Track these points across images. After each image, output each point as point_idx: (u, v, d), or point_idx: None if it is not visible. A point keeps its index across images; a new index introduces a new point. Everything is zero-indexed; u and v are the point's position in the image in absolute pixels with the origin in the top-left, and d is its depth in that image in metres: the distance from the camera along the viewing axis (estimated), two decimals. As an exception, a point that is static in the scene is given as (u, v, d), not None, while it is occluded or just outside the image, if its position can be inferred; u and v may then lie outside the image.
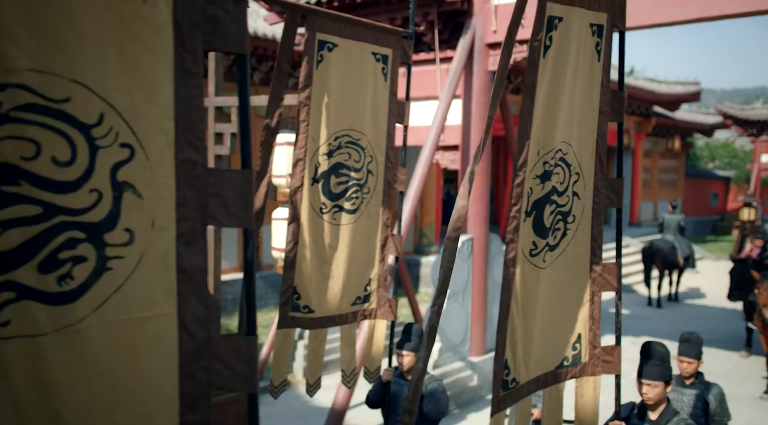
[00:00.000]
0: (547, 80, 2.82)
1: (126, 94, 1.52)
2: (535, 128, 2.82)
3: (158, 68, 1.55)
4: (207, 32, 1.61)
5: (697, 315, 12.39)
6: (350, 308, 4.06)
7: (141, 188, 1.58)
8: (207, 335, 1.71)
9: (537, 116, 2.80)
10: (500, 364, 2.84)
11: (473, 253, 7.97)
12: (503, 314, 2.83)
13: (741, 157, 34.01)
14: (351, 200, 3.91)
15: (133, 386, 1.63)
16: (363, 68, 3.83)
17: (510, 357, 2.89)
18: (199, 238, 1.70)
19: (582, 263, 3.22)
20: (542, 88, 2.79)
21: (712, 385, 4.24)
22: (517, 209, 2.79)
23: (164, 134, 1.58)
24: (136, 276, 1.61)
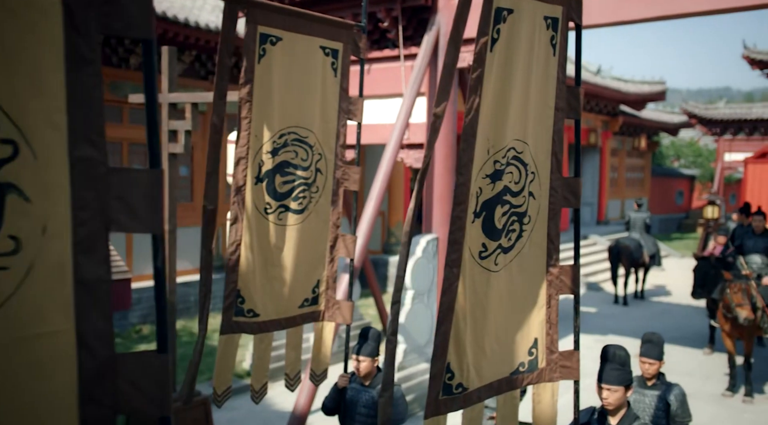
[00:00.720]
0: (495, 75, 2.68)
1: (5, 83, 1.34)
2: (483, 125, 2.68)
3: (44, 54, 1.37)
4: (105, 14, 1.43)
5: (662, 313, 12.50)
6: (297, 311, 3.92)
7: (28, 190, 1.40)
8: (110, 352, 1.53)
9: (485, 113, 2.67)
10: (440, 367, 2.71)
11: (438, 253, 7.87)
12: (443, 316, 2.70)
13: (705, 156, 34.63)
14: (298, 199, 3.76)
15: (23, 416, 1.44)
16: (310, 63, 3.67)
17: (454, 361, 2.76)
18: (100, 245, 1.52)
19: (538, 266, 3.11)
20: (490, 83, 2.66)
21: (673, 386, 4.19)
22: (462, 209, 2.65)
23: (54, 128, 1.40)
24: (25, 289, 1.43)
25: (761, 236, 8.10)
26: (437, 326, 2.72)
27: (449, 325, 2.73)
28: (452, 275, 2.69)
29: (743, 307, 7.24)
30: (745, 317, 7.23)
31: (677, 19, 6.20)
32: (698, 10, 6.12)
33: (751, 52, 19.33)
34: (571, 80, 3.18)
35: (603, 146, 21.64)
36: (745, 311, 7.22)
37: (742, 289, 7.26)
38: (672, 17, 6.18)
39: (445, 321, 2.72)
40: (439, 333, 2.72)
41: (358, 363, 4.00)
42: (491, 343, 2.92)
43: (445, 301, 2.71)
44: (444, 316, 2.72)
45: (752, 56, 19.23)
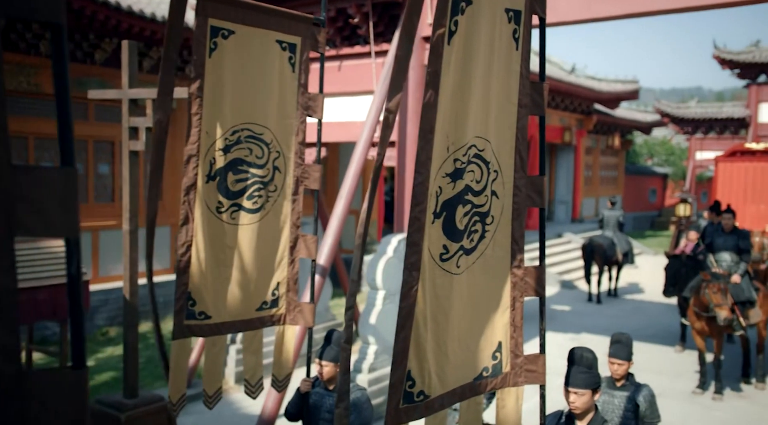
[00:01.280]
0: (453, 69, 2.57)
1: None
2: (441, 122, 2.57)
3: None
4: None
5: (635, 310, 12.56)
6: (255, 314, 3.78)
7: None
8: (16, 370, 1.38)
9: (443, 109, 2.56)
10: (400, 374, 2.60)
11: (409, 252, 7.77)
12: (402, 322, 2.58)
13: (678, 154, 35.09)
14: (252, 198, 3.62)
15: None
16: (266, 57, 3.53)
17: (415, 368, 2.65)
18: (3, 252, 1.36)
19: (502, 267, 3.01)
20: (448, 77, 2.55)
21: (642, 386, 4.14)
22: (421, 210, 2.54)
23: None
24: None
25: (731, 234, 8.14)
26: (396, 332, 2.61)
27: (409, 331, 2.62)
28: (411, 278, 2.58)
29: (722, 307, 7.24)
30: (725, 318, 7.23)
31: (646, 16, 6.18)
32: (667, 8, 6.10)
33: (722, 52, 19.58)
34: (536, 76, 3.10)
35: (577, 145, 21.76)
36: (724, 311, 7.22)
37: (720, 289, 7.26)
38: (641, 15, 6.15)
39: (405, 327, 2.61)
40: (398, 339, 2.60)
41: (321, 368, 3.88)
42: (454, 348, 2.82)
43: (404, 306, 2.59)
44: (403, 322, 2.60)
45: (722, 56, 19.48)
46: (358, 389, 3.91)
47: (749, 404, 7.56)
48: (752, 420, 7.07)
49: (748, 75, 19.48)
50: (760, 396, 7.81)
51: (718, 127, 21.76)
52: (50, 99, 9.96)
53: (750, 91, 19.64)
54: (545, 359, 3.10)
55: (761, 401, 7.65)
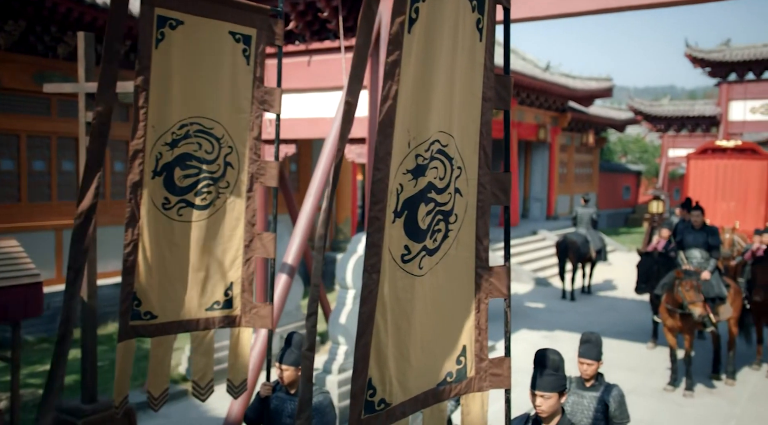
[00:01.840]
0: (415, 60, 2.44)
1: None
2: (402, 115, 2.44)
3: None
4: None
5: (608, 307, 12.60)
6: (204, 314, 3.64)
7: None
8: None
9: (404, 102, 2.42)
10: (361, 383, 2.46)
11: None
12: (363, 328, 2.44)
13: (651, 151, 35.50)
14: (201, 194, 3.48)
15: None
16: (217, 49, 3.38)
17: (376, 376, 2.52)
18: None
19: (466, 268, 2.89)
20: (409, 68, 2.41)
21: (611, 387, 4.08)
22: (380, 209, 2.40)
23: None
24: None
25: (700, 230, 8.16)
26: (357, 339, 2.47)
27: (369, 337, 2.48)
28: (372, 281, 2.44)
29: (696, 304, 7.25)
30: (699, 314, 7.24)
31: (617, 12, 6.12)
32: (638, 4, 6.04)
33: (693, 50, 19.77)
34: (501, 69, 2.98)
35: (552, 142, 21.84)
36: (698, 308, 7.24)
37: (694, 286, 7.27)
38: (612, 11, 6.08)
39: (365, 332, 2.47)
40: (359, 346, 2.46)
41: (282, 372, 3.74)
42: (417, 353, 2.69)
43: (364, 311, 2.45)
44: (364, 328, 2.46)
45: (694, 55, 19.68)
46: (320, 392, 3.78)
47: (719, 400, 7.58)
48: (722, 416, 7.09)
49: (718, 73, 19.69)
50: (730, 392, 7.85)
51: (690, 124, 21.99)
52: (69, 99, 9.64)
53: (721, 89, 19.86)
54: (510, 362, 3.00)
55: (731, 397, 7.68)
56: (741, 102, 19.45)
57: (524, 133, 19.63)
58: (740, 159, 15.27)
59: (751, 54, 18.76)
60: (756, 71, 19.06)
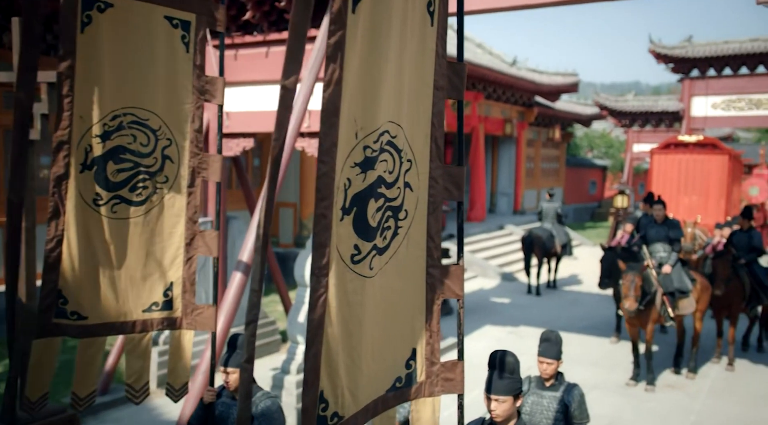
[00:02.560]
0: (361, 42, 2.25)
1: None
2: (348, 103, 2.25)
3: None
4: None
5: (573, 302, 12.64)
6: (141, 316, 3.44)
7: None
8: None
9: (350, 89, 2.23)
10: (312, 397, 2.27)
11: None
12: (312, 337, 2.25)
13: (616, 146, 35.98)
14: (137, 189, 3.27)
15: None
16: (152, 35, 3.16)
17: (328, 388, 2.33)
18: None
19: (416, 267, 2.73)
20: (354, 51, 2.22)
21: (572, 386, 3.98)
22: (327, 205, 2.21)
23: None
24: None
25: (662, 224, 8.17)
26: (306, 349, 2.27)
27: (320, 346, 2.28)
28: (320, 286, 2.24)
29: (627, 298, 7.31)
30: (627, 308, 7.31)
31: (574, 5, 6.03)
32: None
33: (657, 46, 19.99)
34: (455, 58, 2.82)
35: (519, 137, 21.89)
36: (627, 301, 7.29)
37: (630, 280, 7.30)
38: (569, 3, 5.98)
39: (315, 342, 2.27)
40: (308, 357, 2.26)
41: (227, 376, 3.55)
42: (367, 360, 2.51)
43: (313, 319, 2.25)
44: (313, 336, 2.26)
45: (658, 50, 19.90)
46: (267, 397, 3.60)
47: (680, 394, 7.60)
48: (683, 410, 7.10)
49: (681, 69, 19.95)
50: (691, 387, 7.88)
51: (654, 120, 22.28)
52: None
53: (683, 85, 20.13)
54: (464, 366, 2.85)
55: (692, 391, 7.71)
56: (703, 98, 19.74)
57: (491, 128, 19.62)
58: (702, 154, 15.47)
59: (711, 51, 19.04)
60: (717, 68, 19.36)
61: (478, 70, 17.02)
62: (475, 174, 19.00)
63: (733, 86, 19.14)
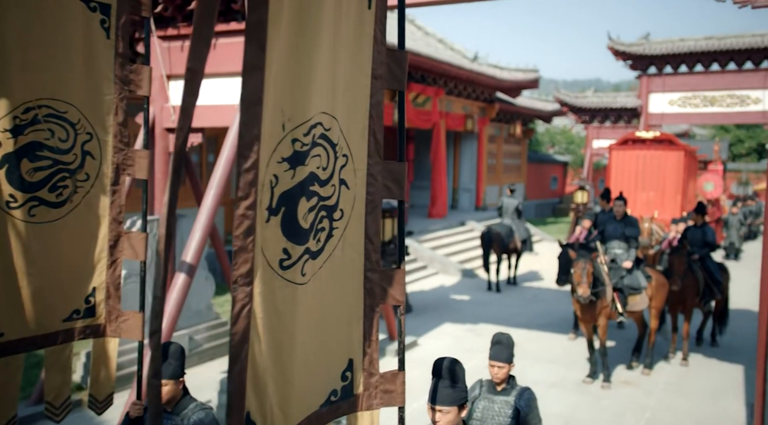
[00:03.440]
0: (287, 22, 2.02)
1: None
2: (274, 91, 2.02)
3: None
4: None
5: (532, 298, 12.62)
6: (61, 325, 3.15)
7: None
8: None
9: (275, 75, 2.00)
10: (238, 419, 2.03)
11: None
12: (237, 351, 2.01)
13: (577, 142, 36.43)
14: (57, 189, 2.98)
15: None
16: (66, 19, 2.88)
17: (255, 408, 2.10)
18: None
19: (353, 271, 2.53)
20: (279, 32, 1.99)
21: (524, 390, 3.86)
22: (249, 205, 1.98)
23: None
24: None
25: (620, 221, 8.15)
26: (230, 366, 2.02)
27: (245, 363, 2.04)
28: (244, 295, 2.00)
29: (580, 284, 7.29)
30: (581, 294, 7.29)
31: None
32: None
33: (616, 43, 20.18)
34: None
35: (480, 133, 21.87)
36: (581, 288, 7.28)
37: (582, 267, 7.30)
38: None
39: (240, 358, 2.03)
40: (232, 375, 2.01)
41: None
42: (300, 373, 2.30)
43: (237, 332, 2.01)
44: (237, 351, 2.02)
45: (616, 47, 20.09)
46: (201, 408, 3.36)
47: (636, 391, 7.59)
48: (638, 407, 7.08)
49: (639, 66, 20.18)
50: (646, 383, 7.89)
51: (613, 116, 22.52)
52: None
53: (641, 82, 20.37)
54: (405, 377, 2.66)
55: (647, 387, 7.71)
56: (660, 95, 20.01)
57: (452, 123, 19.53)
58: (658, 150, 15.66)
59: (668, 48, 19.30)
60: (673, 65, 19.64)
61: (440, 66, 16.90)
62: (436, 170, 18.90)
63: (689, 84, 19.45)
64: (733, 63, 18.70)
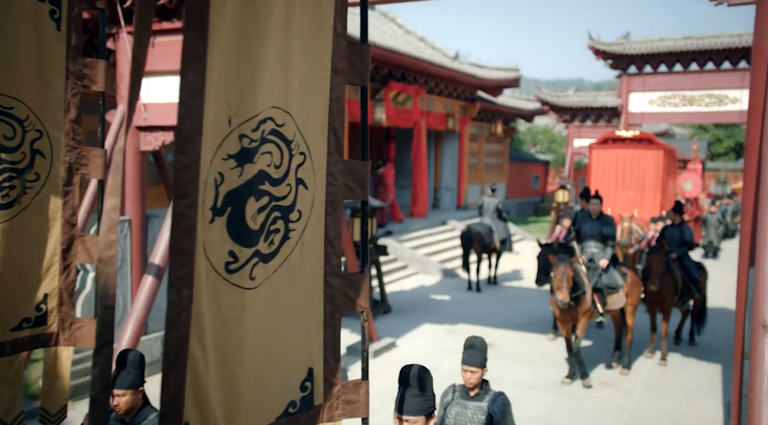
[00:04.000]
0: (233, 7, 1.88)
1: None
2: (218, 82, 1.88)
3: None
4: None
5: (512, 298, 12.57)
6: (10, 335, 2.97)
7: None
8: None
9: (219, 64, 1.87)
10: None
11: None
12: (173, 359, 1.87)
13: (559, 142, 36.57)
14: (3, 190, 2.81)
15: None
16: (11, 9, 2.71)
17: (196, 418, 1.97)
18: None
19: (313, 276, 2.40)
20: (223, 17, 1.86)
21: (497, 395, 3.76)
22: (189, 204, 1.84)
23: None
24: None
25: (597, 220, 8.10)
26: (164, 376, 1.89)
27: (183, 372, 1.90)
28: (181, 299, 1.86)
29: (560, 289, 7.22)
30: (561, 300, 7.23)
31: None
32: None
33: (596, 42, 20.23)
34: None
35: (461, 132, 21.82)
36: (561, 293, 7.21)
37: (562, 272, 7.22)
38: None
39: (176, 366, 1.88)
40: (167, 385, 1.87)
41: (114, 398, 3.13)
42: (250, 383, 2.17)
43: (173, 339, 1.86)
44: (174, 359, 1.88)
45: (596, 47, 20.14)
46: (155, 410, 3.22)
47: (614, 391, 7.55)
48: (617, 408, 7.03)
49: (619, 66, 20.25)
50: (625, 383, 7.85)
51: (594, 115, 22.59)
52: None
53: (621, 81, 20.45)
54: (368, 386, 2.54)
55: (626, 388, 7.67)
56: (640, 94, 20.09)
57: (433, 122, 19.45)
58: (638, 149, 15.70)
59: (648, 48, 19.39)
60: (653, 64, 19.74)
61: (420, 64, 16.81)
62: (417, 169, 18.81)
63: (668, 83, 19.55)
64: (712, 63, 18.84)
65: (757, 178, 4.56)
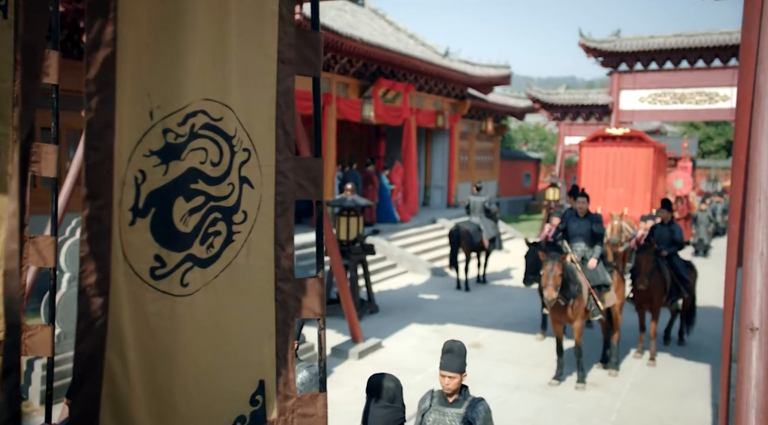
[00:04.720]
0: None
1: None
2: (134, 71, 1.72)
3: None
4: None
5: (501, 297, 12.43)
6: None
7: None
8: None
9: (135, 52, 1.71)
10: None
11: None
12: (83, 372, 1.72)
13: (550, 139, 36.50)
14: None
15: None
16: None
17: None
18: None
19: (262, 282, 2.23)
20: (137, 0, 1.69)
21: (476, 401, 3.61)
22: (103, 205, 1.68)
23: None
24: None
25: (584, 218, 7.96)
26: (75, 389, 1.75)
27: (97, 385, 1.75)
28: (95, 308, 1.71)
29: (547, 287, 7.10)
30: (546, 297, 7.13)
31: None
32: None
33: (587, 40, 20.13)
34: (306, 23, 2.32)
35: (452, 129, 21.68)
36: (547, 290, 7.08)
37: (549, 269, 7.09)
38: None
39: (88, 379, 1.74)
40: (77, 399, 1.73)
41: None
42: (188, 397, 2.00)
43: (84, 351, 1.72)
44: (84, 372, 1.74)
45: (587, 44, 20.04)
46: None
47: (602, 393, 7.41)
48: (604, 409, 6.89)
49: (610, 63, 20.18)
50: (614, 384, 7.71)
51: (585, 113, 22.50)
52: None
53: (612, 79, 20.37)
54: (326, 399, 2.37)
55: (614, 389, 7.53)
56: (631, 91, 20.02)
57: (423, 120, 19.29)
58: (628, 147, 15.59)
59: (638, 45, 19.30)
60: (644, 62, 19.65)
61: (410, 61, 16.64)
62: (407, 167, 18.65)
63: (659, 81, 19.48)
64: (702, 60, 18.77)
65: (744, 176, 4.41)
